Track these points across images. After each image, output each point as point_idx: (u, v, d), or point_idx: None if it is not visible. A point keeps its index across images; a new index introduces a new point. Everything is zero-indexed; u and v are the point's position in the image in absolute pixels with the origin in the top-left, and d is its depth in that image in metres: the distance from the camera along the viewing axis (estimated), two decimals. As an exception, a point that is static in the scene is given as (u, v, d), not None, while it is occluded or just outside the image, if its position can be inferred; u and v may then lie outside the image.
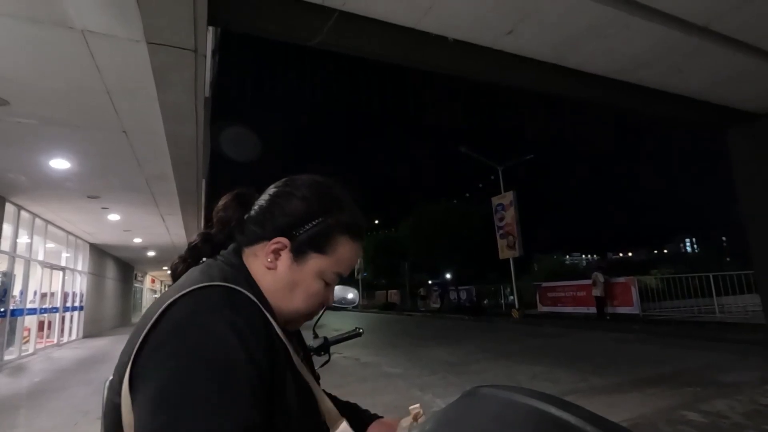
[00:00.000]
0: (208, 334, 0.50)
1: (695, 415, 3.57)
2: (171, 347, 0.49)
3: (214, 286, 0.56)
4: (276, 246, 0.65)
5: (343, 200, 0.69)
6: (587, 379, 5.10)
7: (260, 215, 0.67)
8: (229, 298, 0.55)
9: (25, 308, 9.12)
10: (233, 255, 0.67)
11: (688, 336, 8.48)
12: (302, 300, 0.66)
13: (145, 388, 0.49)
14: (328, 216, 0.66)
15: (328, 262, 0.66)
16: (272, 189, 0.70)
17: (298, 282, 0.65)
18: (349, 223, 0.68)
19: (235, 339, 0.50)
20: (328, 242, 0.66)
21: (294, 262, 0.65)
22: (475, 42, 4.97)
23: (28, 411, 4.67)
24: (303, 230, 0.65)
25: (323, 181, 0.70)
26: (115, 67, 3.74)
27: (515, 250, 15.82)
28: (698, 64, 5.78)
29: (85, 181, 6.90)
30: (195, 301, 0.53)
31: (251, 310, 0.56)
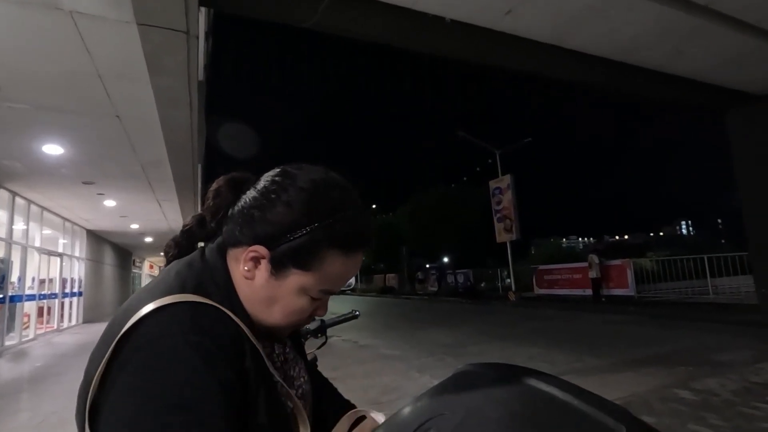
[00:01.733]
0: (171, 361, 0.47)
1: (687, 393, 3.65)
2: (132, 377, 0.46)
3: (183, 303, 0.51)
4: (254, 254, 0.57)
5: (339, 206, 0.58)
6: (582, 359, 5.19)
7: (241, 215, 0.59)
8: (196, 318, 0.50)
9: (24, 294, 9.15)
10: (217, 254, 0.61)
11: (683, 317, 8.61)
12: (281, 316, 0.59)
13: (108, 417, 0.46)
14: (315, 227, 0.56)
15: (312, 279, 0.57)
16: (262, 183, 0.61)
17: (277, 298, 0.58)
18: (343, 236, 0.57)
19: (202, 364, 0.47)
20: (312, 257, 0.56)
21: (272, 276, 0.57)
22: (473, 22, 4.89)
23: (30, 395, 4.72)
24: (283, 241, 0.56)
25: (319, 179, 0.59)
26: (105, 50, 3.67)
27: (512, 234, 15.88)
28: (699, 45, 5.71)
29: (79, 167, 6.84)
30: (162, 322, 0.50)
31: (220, 330, 0.51)
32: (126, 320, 0.50)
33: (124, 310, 0.53)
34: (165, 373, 0.46)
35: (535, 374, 0.48)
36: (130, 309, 0.52)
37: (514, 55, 5.62)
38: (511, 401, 0.45)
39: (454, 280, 20.81)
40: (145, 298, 0.52)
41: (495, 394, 0.46)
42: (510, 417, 0.43)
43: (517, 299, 14.78)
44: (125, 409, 0.45)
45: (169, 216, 11.33)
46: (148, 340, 0.48)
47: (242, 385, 0.51)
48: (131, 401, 0.45)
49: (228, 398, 0.48)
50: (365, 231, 0.60)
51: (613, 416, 0.42)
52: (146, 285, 0.58)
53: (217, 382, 0.47)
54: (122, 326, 0.49)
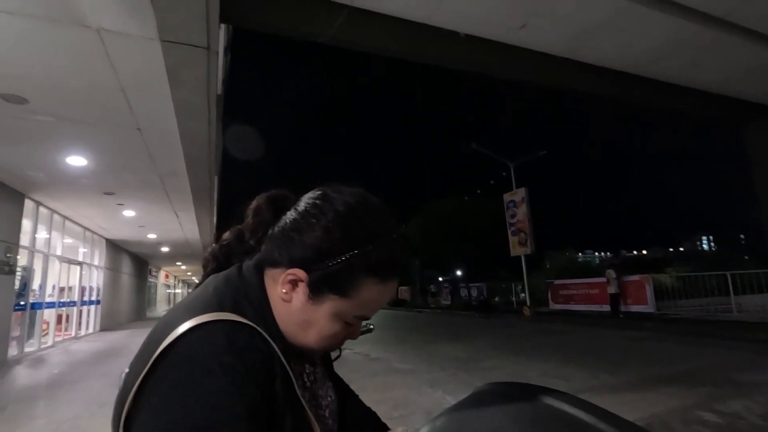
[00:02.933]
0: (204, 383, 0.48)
1: (711, 416, 3.51)
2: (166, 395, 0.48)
3: (220, 321, 0.52)
4: (292, 277, 0.58)
5: (376, 234, 0.58)
6: (599, 376, 5.05)
7: (281, 236, 0.60)
8: (231, 338, 0.51)
9: (44, 302, 9.35)
10: (254, 272, 0.62)
11: (704, 335, 8.33)
12: (315, 340, 0.60)
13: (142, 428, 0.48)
14: (353, 254, 0.56)
15: (347, 305, 0.58)
16: (302, 205, 0.61)
17: (312, 322, 0.59)
18: (379, 263, 0.58)
19: (231, 387, 0.48)
20: (349, 284, 0.57)
21: (309, 299, 0.58)
22: (488, 37, 4.93)
23: (48, 401, 4.79)
24: (322, 266, 0.57)
25: (357, 204, 0.60)
26: (129, 65, 3.80)
27: (527, 247, 15.68)
28: (716, 57, 5.65)
29: (100, 178, 7.03)
30: (198, 340, 0.50)
31: (254, 351, 0.52)
32: (165, 335, 0.51)
33: (163, 324, 0.53)
34: (194, 394, 0.47)
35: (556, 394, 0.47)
36: (169, 324, 0.52)
37: (528, 68, 5.63)
38: (532, 423, 0.44)
39: (467, 294, 20.57)
40: (183, 314, 0.53)
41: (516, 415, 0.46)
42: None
43: (532, 314, 14.52)
44: (153, 428, 0.46)
45: (186, 226, 11.53)
46: (183, 358, 0.49)
47: (269, 407, 0.51)
48: (159, 420, 0.46)
49: (253, 422, 0.48)
50: (400, 259, 0.61)
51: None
52: (185, 298, 0.59)
53: (245, 405, 0.47)
54: (161, 342, 0.50)
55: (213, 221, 11.74)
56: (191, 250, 16.28)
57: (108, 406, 3.51)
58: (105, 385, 5.35)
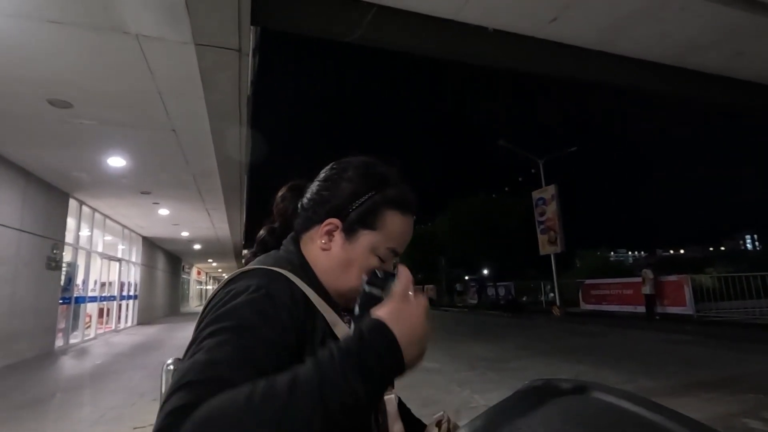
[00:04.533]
0: (234, 306, 0.55)
1: (758, 423, 3.33)
2: (206, 322, 0.56)
3: (257, 269, 0.62)
4: (328, 227, 0.68)
5: (388, 177, 0.71)
6: (636, 380, 4.88)
7: (312, 201, 0.72)
8: (262, 278, 0.60)
9: (87, 296, 9.85)
10: (291, 243, 0.72)
11: (749, 339, 7.90)
12: (357, 276, 0.67)
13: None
14: (374, 193, 0.68)
15: (379, 237, 0.68)
16: (321, 174, 0.74)
17: (352, 260, 0.68)
18: (397, 198, 0.69)
19: (251, 312, 0.55)
20: (376, 218, 0.68)
21: (346, 241, 0.68)
22: (517, 31, 4.82)
23: (92, 390, 5.05)
24: (351, 209, 0.68)
25: (368, 160, 0.73)
26: (165, 69, 3.94)
27: (557, 246, 15.31)
28: (762, 46, 5.32)
29: (138, 178, 7.33)
30: (237, 283, 0.60)
31: (281, 287, 0.60)
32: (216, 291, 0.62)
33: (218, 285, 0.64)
34: (227, 308, 0.56)
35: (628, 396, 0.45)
36: (221, 281, 0.63)
37: (559, 62, 5.47)
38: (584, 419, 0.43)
39: (494, 293, 20.28)
40: (232, 273, 0.64)
41: (567, 411, 0.45)
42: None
43: (562, 314, 14.16)
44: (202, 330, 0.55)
45: (217, 224, 11.87)
46: (227, 292, 0.59)
47: (299, 341, 0.58)
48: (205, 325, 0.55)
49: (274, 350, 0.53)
50: (411, 195, 0.72)
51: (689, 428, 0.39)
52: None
53: (264, 329, 0.54)
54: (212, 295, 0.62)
55: (243, 220, 12.03)
56: (222, 248, 16.75)
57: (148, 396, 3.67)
58: (144, 376, 5.58)
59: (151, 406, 4.03)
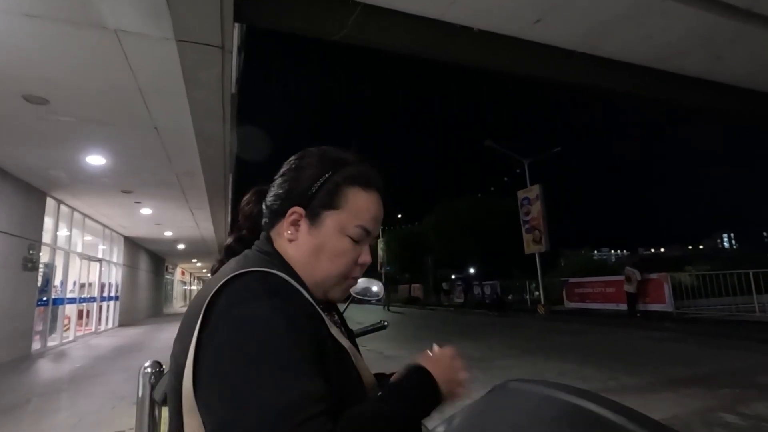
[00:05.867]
0: (255, 319, 0.51)
1: (733, 418, 3.42)
2: (229, 338, 0.51)
3: (249, 272, 0.57)
4: (292, 217, 0.67)
5: (345, 157, 0.69)
6: (618, 377, 4.97)
7: (274, 197, 0.70)
8: (263, 282, 0.56)
9: (66, 297, 9.60)
10: (265, 243, 0.69)
11: (726, 335, 8.13)
12: (329, 261, 0.66)
13: (210, 381, 0.51)
14: (332, 174, 0.67)
15: (344, 215, 0.66)
16: (281, 170, 0.72)
17: (321, 244, 0.66)
18: (357, 175, 0.68)
19: (281, 320, 0.52)
20: (337, 196, 0.66)
21: (312, 227, 0.66)
22: (502, 32, 4.86)
23: (70, 394, 4.92)
24: (311, 193, 0.66)
25: (324, 147, 0.72)
26: (146, 66, 3.85)
27: (541, 245, 15.49)
28: (740, 50, 5.47)
29: (119, 177, 7.17)
30: (235, 290, 0.55)
31: (287, 290, 0.58)
32: (205, 298, 0.55)
33: (201, 292, 0.59)
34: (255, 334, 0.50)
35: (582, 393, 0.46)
36: (207, 290, 0.57)
37: (544, 63, 5.53)
38: (558, 422, 0.43)
39: (480, 292, 20.44)
40: (215, 280, 0.58)
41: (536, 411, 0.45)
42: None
43: (547, 312, 14.35)
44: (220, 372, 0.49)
45: (201, 224, 11.70)
46: (230, 305, 0.53)
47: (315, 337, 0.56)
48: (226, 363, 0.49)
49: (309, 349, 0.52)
50: (372, 172, 0.70)
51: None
52: (212, 278, 0.65)
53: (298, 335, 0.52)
54: (202, 304, 0.54)
55: (227, 219, 11.88)
56: (206, 248, 16.52)
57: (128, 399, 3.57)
58: (125, 379, 5.46)
59: (132, 410, 3.94)
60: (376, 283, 1.46)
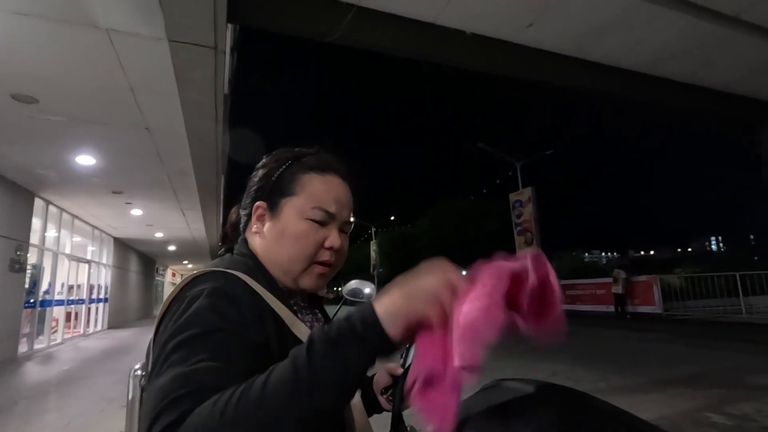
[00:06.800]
0: (190, 314, 0.55)
1: (720, 418, 3.47)
2: (164, 330, 0.56)
3: (209, 272, 0.62)
4: (258, 213, 0.70)
5: (303, 152, 0.72)
6: (608, 378, 5.02)
7: (244, 199, 0.74)
8: (216, 282, 0.59)
9: (54, 299, 9.46)
10: (241, 244, 0.73)
11: (714, 336, 8.24)
12: (291, 245, 0.67)
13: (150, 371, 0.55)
14: (288, 164, 0.70)
15: (300, 199, 0.68)
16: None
17: (281, 230, 0.68)
18: (311, 162, 0.70)
19: (213, 318, 0.54)
20: (293, 183, 0.69)
21: (273, 217, 0.69)
22: (494, 36, 4.90)
23: (58, 397, 4.85)
24: (269, 186, 0.70)
25: (281, 149, 0.75)
26: (138, 65, 3.83)
27: (533, 247, 15.61)
28: (728, 56, 5.57)
29: (109, 177, 7.10)
30: (188, 288, 0.59)
31: (237, 291, 0.59)
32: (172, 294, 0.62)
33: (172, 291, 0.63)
34: (188, 314, 0.55)
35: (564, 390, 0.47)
36: (175, 287, 0.63)
37: (536, 67, 5.58)
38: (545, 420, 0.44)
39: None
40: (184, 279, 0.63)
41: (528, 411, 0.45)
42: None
43: (538, 314, 14.45)
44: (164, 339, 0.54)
45: (192, 225, 11.60)
46: (184, 296, 0.58)
47: (263, 337, 0.58)
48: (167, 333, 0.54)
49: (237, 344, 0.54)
50: (330, 158, 0.72)
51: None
52: None
53: (226, 322, 0.54)
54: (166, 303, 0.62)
55: (219, 220, 11.80)
56: (198, 249, 16.38)
57: (117, 402, 3.54)
58: (114, 381, 5.40)
59: (121, 413, 3.89)
60: (369, 284, 1.46)
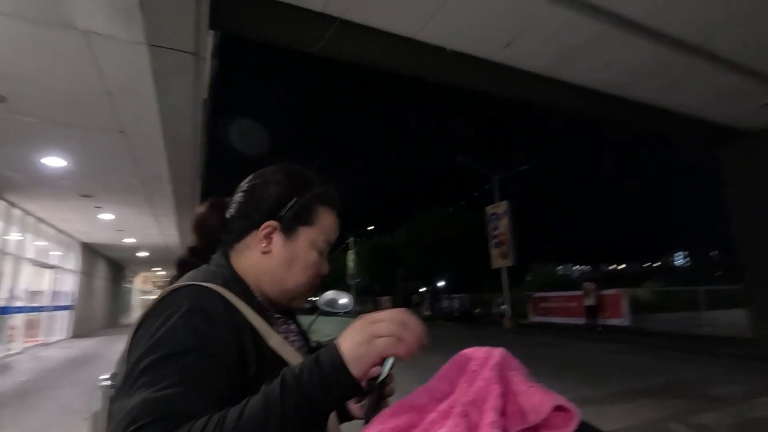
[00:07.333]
0: (166, 331, 0.55)
1: (682, 427, 3.60)
2: (138, 344, 0.55)
3: (187, 285, 0.61)
4: (266, 230, 0.70)
5: (312, 177, 0.75)
6: (578, 389, 5.13)
7: (242, 210, 0.72)
8: (192, 297, 0.59)
9: (13, 306, 9.01)
10: (220, 257, 0.72)
11: (679, 349, 8.55)
12: (301, 272, 0.71)
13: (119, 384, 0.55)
14: (306, 192, 0.72)
15: (316, 231, 0.72)
16: (245, 185, 0.75)
17: (295, 257, 0.70)
18: (325, 195, 0.74)
19: (189, 335, 0.54)
20: (311, 214, 0.71)
21: (287, 240, 0.70)
22: (474, 53, 5.05)
23: (17, 409, 4.61)
24: (287, 209, 0.70)
25: (289, 165, 0.76)
26: (115, 68, 3.76)
27: (508, 260, 15.88)
28: (692, 82, 5.90)
29: (79, 180, 6.87)
30: (166, 302, 0.59)
31: (214, 306, 0.59)
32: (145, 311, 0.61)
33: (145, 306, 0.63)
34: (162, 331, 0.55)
35: None
36: (151, 300, 0.62)
37: (513, 85, 5.77)
38: None
39: (449, 305, 20.64)
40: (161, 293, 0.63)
41: None
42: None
43: (513, 326, 14.65)
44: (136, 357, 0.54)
45: (165, 231, 11.31)
46: (158, 311, 0.58)
47: (239, 351, 0.58)
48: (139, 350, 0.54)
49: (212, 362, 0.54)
50: (336, 192, 0.77)
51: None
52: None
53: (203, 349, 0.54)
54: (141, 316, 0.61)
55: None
56: (171, 256, 15.93)
57: (82, 415, 3.37)
58: (77, 393, 5.17)
59: (84, 426, 3.74)
60: (345, 295, 1.47)
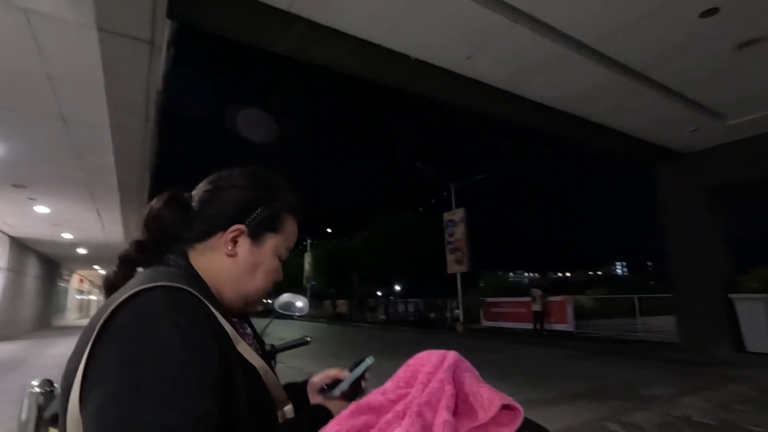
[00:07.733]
0: (153, 335, 0.50)
1: (616, 426, 3.85)
2: (118, 352, 0.50)
3: (157, 287, 0.56)
4: (233, 234, 0.69)
5: (280, 185, 0.76)
6: (524, 392, 5.34)
7: (207, 210, 0.70)
8: (171, 298, 0.55)
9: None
10: (179, 257, 0.68)
11: (616, 353, 9.12)
12: (263, 278, 0.72)
13: (95, 395, 0.48)
14: (275, 199, 0.73)
15: (281, 239, 0.73)
16: (208, 185, 0.73)
17: (259, 262, 0.71)
18: (291, 204, 0.76)
19: (179, 339, 0.51)
20: (279, 222, 0.73)
21: (253, 245, 0.70)
22: (436, 63, 5.17)
23: None
24: (255, 215, 0.70)
25: (256, 170, 0.76)
26: (59, 52, 3.52)
27: (463, 266, 16.28)
28: (635, 105, 6.36)
29: (12, 168, 6.32)
30: (139, 304, 0.53)
31: (194, 307, 0.57)
32: (104, 312, 0.53)
33: (100, 310, 0.56)
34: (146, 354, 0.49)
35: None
36: (108, 304, 0.55)
37: (473, 96, 5.96)
38: None
39: (404, 309, 20.84)
40: (117, 296, 0.55)
41: None
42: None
43: (465, 331, 15.02)
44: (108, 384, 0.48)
45: (108, 227, 10.64)
46: (129, 321, 0.52)
47: (219, 357, 0.55)
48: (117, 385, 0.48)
49: (205, 370, 0.52)
50: (299, 202, 0.78)
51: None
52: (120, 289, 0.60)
53: (194, 355, 0.51)
54: (101, 317, 0.52)
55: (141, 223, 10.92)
56: (112, 253, 14.95)
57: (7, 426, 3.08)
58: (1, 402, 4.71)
59: (5, 438, 3.41)
60: (301, 298, 1.45)
